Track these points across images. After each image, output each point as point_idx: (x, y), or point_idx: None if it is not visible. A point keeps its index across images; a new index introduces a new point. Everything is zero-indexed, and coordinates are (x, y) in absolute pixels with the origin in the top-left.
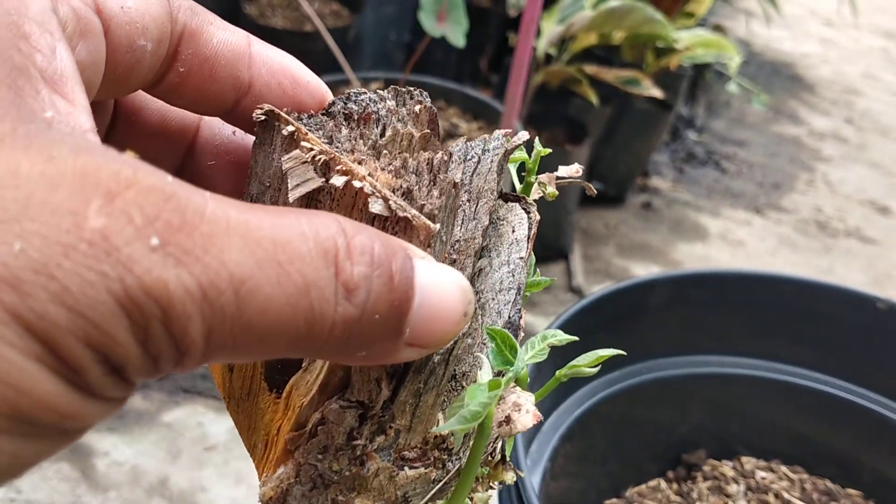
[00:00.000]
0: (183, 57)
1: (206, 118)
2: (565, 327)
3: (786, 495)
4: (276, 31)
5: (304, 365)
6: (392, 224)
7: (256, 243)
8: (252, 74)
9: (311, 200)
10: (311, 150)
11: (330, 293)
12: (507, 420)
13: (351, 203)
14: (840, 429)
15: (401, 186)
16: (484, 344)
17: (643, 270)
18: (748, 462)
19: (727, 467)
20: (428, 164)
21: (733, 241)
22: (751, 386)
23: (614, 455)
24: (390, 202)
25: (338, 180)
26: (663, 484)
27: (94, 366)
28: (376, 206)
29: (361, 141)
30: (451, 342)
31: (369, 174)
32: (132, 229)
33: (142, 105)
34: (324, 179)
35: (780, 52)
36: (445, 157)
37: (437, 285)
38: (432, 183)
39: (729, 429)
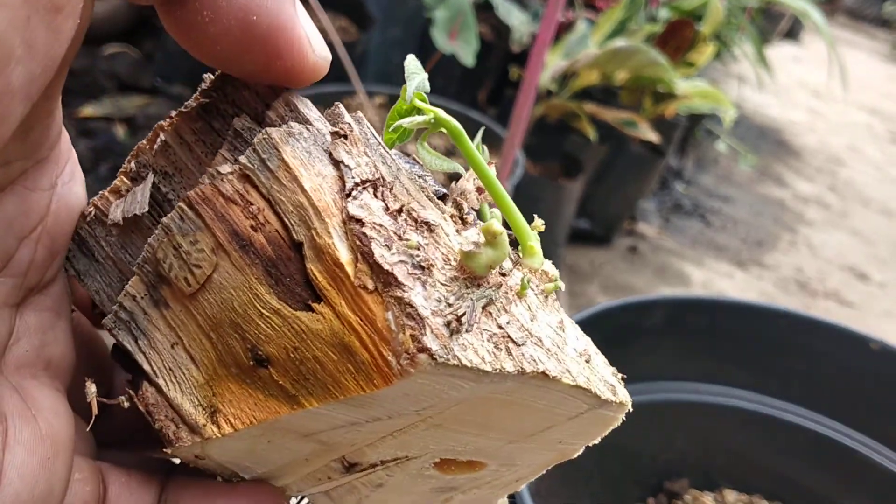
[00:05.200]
0: None
1: None
2: None
3: None
4: None
5: (304, 253)
6: None
7: None
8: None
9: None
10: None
11: None
12: None
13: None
14: (822, 468)
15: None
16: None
17: None
18: (729, 494)
19: (708, 498)
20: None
21: (715, 292)
22: (738, 418)
23: (599, 476)
24: None
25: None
26: None
27: None
28: None
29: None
30: None
31: None
32: None
33: None
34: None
35: (769, 118)
36: None
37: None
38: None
39: (713, 460)
